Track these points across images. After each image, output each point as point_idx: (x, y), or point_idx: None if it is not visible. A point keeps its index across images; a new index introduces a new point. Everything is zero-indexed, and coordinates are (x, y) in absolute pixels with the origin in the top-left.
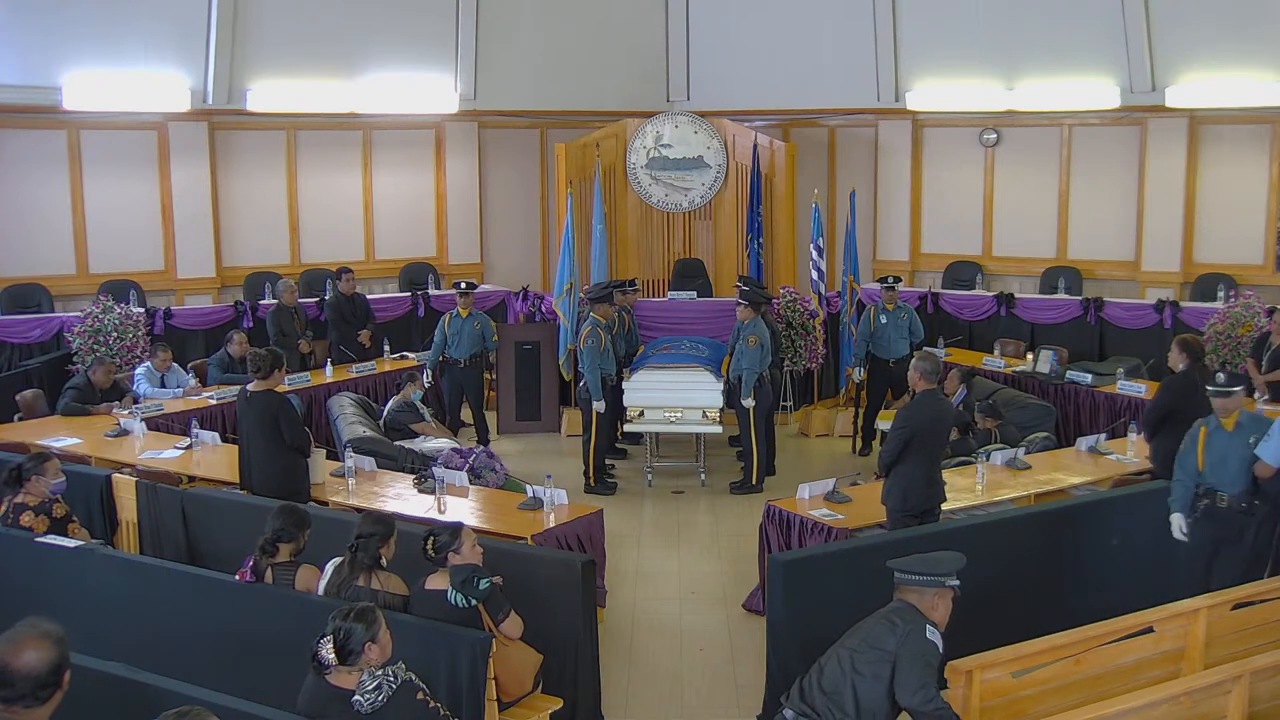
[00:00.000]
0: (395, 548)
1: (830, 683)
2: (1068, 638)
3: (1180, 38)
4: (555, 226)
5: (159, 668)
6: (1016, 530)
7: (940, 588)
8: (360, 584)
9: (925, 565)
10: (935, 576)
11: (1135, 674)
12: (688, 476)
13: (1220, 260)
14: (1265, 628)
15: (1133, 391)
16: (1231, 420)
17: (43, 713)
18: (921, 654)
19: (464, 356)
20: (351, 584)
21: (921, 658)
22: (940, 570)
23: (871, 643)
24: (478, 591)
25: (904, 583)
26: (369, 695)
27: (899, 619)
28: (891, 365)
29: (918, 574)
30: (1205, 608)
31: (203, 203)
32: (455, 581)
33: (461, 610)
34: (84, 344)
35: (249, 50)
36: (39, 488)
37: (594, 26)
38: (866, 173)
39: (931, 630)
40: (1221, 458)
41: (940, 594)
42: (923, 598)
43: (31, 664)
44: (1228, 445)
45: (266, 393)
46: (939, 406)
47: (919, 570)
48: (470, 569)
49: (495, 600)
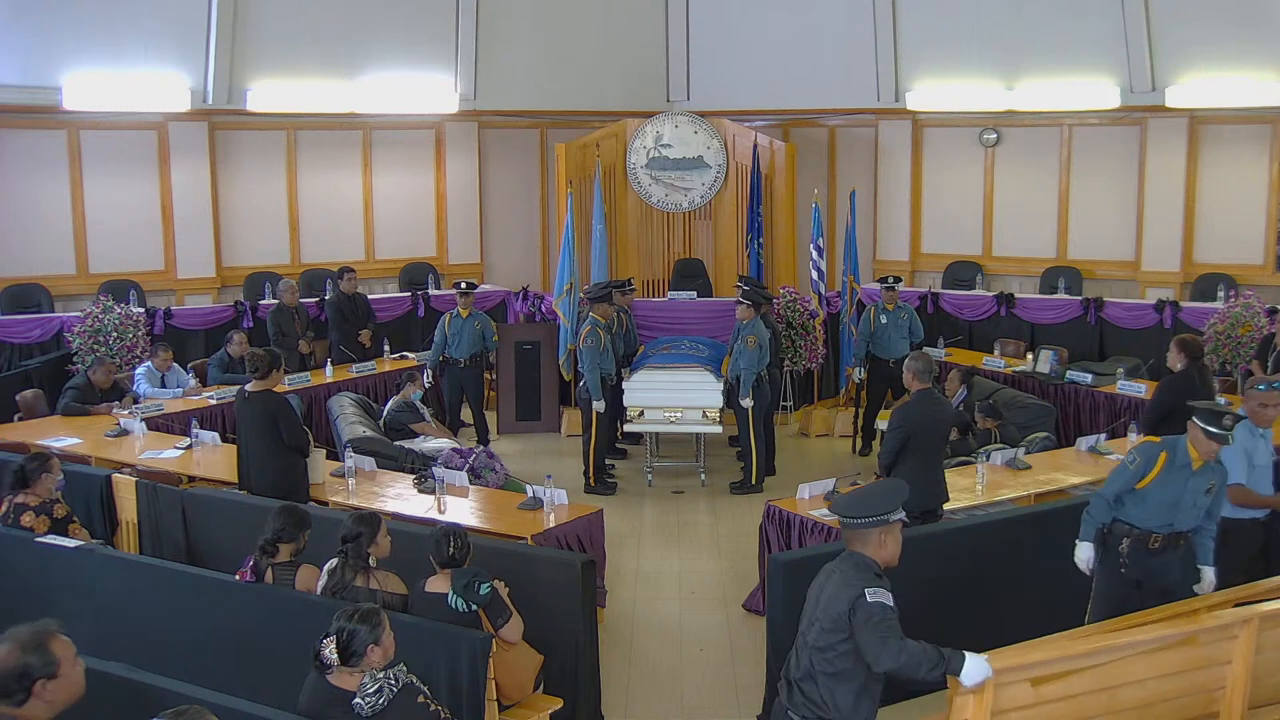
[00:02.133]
0: (388, 545)
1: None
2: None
3: (1180, 38)
4: (555, 226)
5: (159, 668)
6: (1016, 530)
7: (885, 525)
8: (358, 584)
9: (866, 505)
10: (877, 516)
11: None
12: (688, 476)
13: (1220, 260)
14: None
15: (1133, 391)
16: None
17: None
18: (871, 621)
19: (464, 356)
20: (349, 585)
21: (873, 625)
22: (882, 508)
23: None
24: (479, 596)
25: (849, 527)
26: (370, 698)
27: (844, 591)
28: (891, 365)
29: (860, 517)
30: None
31: (203, 203)
32: (457, 585)
33: (462, 614)
34: (84, 344)
35: (249, 50)
36: (46, 486)
37: (594, 26)
38: (866, 173)
39: (872, 591)
40: (1176, 497)
41: (887, 530)
42: (868, 540)
43: None
44: (1187, 484)
45: (265, 393)
46: (935, 406)
47: (861, 512)
48: (472, 572)
49: (496, 605)
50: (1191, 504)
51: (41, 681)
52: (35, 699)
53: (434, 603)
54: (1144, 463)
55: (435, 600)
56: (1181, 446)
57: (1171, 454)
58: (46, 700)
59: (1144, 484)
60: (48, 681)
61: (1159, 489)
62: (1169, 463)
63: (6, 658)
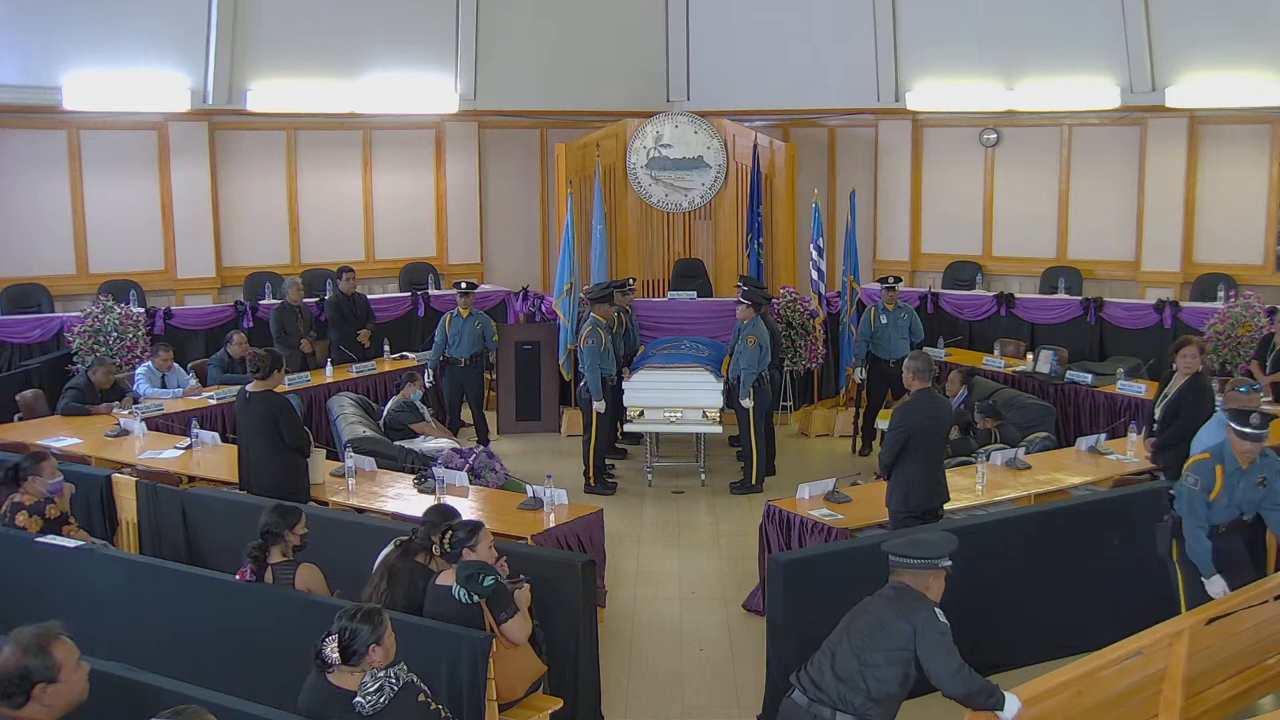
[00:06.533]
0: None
1: (843, 669)
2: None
3: (1180, 38)
4: (555, 226)
5: (159, 668)
6: (1016, 530)
7: (934, 569)
8: (419, 560)
9: (919, 548)
10: (929, 560)
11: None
12: (688, 476)
13: (1220, 260)
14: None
15: (1133, 391)
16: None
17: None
18: (942, 638)
19: (464, 356)
20: (410, 559)
21: (943, 641)
22: (934, 553)
23: (884, 632)
24: (481, 588)
25: (899, 566)
26: (370, 697)
27: (906, 605)
28: (891, 365)
29: (913, 557)
30: (1187, 627)
31: (203, 203)
32: (460, 577)
33: (465, 606)
34: (84, 344)
35: (249, 50)
36: (36, 488)
37: (594, 26)
38: (866, 173)
39: (940, 612)
40: (1238, 497)
41: (935, 575)
42: (917, 579)
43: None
44: (1240, 484)
45: (266, 393)
46: (935, 405)
47: (913, 554)
48: (478, 566)
49: (500, 599)
50: (1247, 499)
51: (41, 685)
52: (35, 702)
53: (441, 595)
54: (1205, 480)
55: (442, 592)
56: (1228, 452)
57: (1223, 463)
58: (46, 704)
59: (1214, 497)
60: (48, 686)
61: (1224, 495)
62: (1224, 472)
63: (8, 660)
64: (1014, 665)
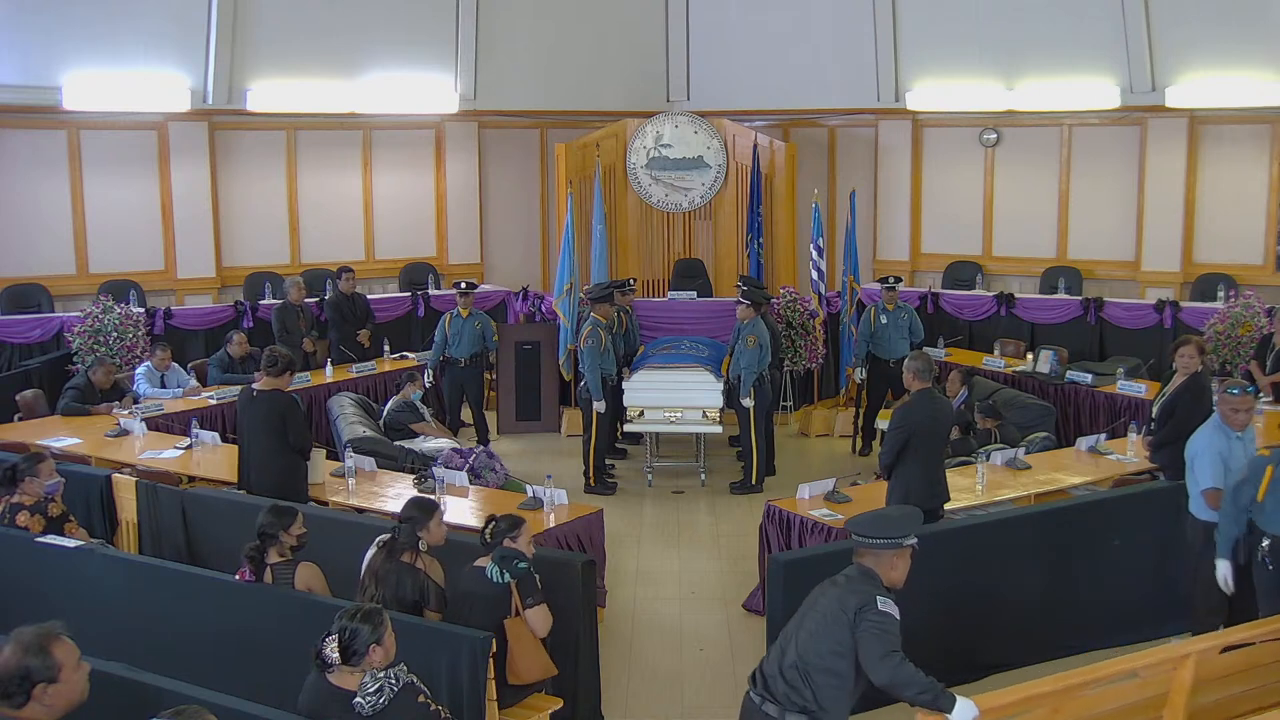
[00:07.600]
0: (442, 534)
1: (791, 669)
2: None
3: (1180, 38)
4: (555, 226)
5: (159, 668)
6: (1016, 530)
7: (898, 549)
8: (405, 560)
9: (882, 527)
10: (893, 539)
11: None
12: (688, 476)
13: (1220, 260)
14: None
15: (1133, 391)
16: None
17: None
18: (878, 628)
19: (464, 356)
20: (397, 558)
21: (879, 632)
22: (898, 532)
23: (826, 632)
24: (515, 568)
25: (862, 545)
26: (370, 698)
27: (850, 595)
28: (892, 365)
29: (875, 537)
30: (1195, 652)
31: (203, 203)
32: (496, 556)
33: (495, 585)
34: (84, 344)
35: (249, 50)
36: (33, 488)
37: (594, 26)
38: (866, 173)
39: (883, 601)
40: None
41: (899, 554)
42: (880, 559)
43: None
44: None
45: (274, 392)
46: (935, 405)
47: (876, 533)
48: (515, 552)
49: (529, 585)
50: None
51: (42, 685)
52: (34, 702)
53: (474, 574)
54: (1253, 476)
55: (476, 572)
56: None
57: (1276, 465)
58: (47, 704)
59: (1260, 495)
60: (48, 686)
61: (1270, 499)
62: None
63: (8, 660)
64: (1014, 665)
